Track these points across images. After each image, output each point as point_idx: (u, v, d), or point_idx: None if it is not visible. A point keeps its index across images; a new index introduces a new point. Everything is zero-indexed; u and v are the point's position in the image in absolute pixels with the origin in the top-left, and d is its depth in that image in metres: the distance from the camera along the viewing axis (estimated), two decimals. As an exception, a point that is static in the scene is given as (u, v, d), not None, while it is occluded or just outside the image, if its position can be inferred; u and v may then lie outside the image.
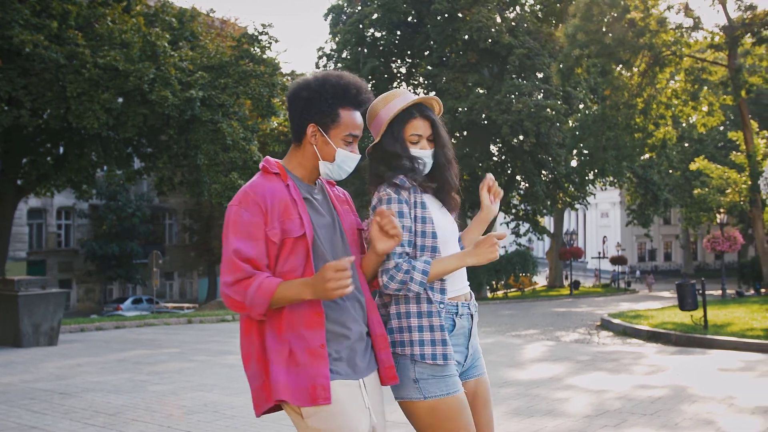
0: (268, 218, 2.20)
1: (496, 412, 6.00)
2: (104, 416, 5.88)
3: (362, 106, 2.36)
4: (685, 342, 11.20)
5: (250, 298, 2.13)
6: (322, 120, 2.28)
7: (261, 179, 2.29)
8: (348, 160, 2.33)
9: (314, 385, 2.16)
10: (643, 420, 5.72)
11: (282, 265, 2.23)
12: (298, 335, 2.20)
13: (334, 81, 2.29)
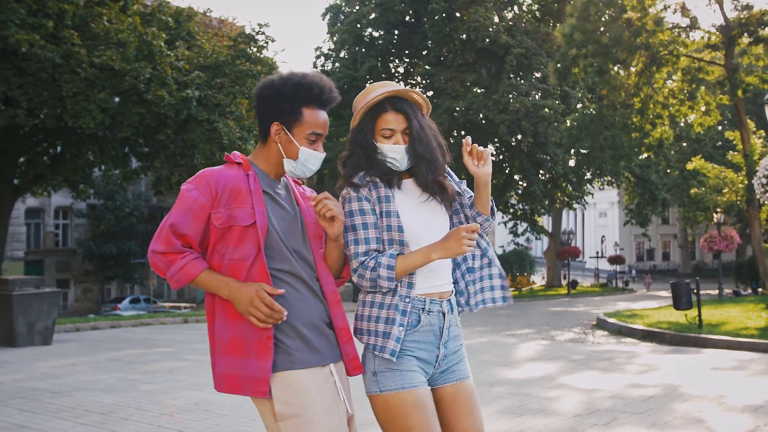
0: (215, 202, 2.25)
1: (486, 411, 6.02)
2: (95, 415, 5.88)
3: (326, 106, 2.37)
4: (679, 341, 11.21)
5: (171, 272, 2.23)
6: (285, 118, 2.32)
7: (222, 167, 2.34)
8: (311, 158, 2.35)
9: (256, 377, 2.21)
10: (633, 419, 5.73)
11: (232, 252, 2.26)
12: (249, 326, 2.24)
13: (297, 80, 2.32)
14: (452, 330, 2.48)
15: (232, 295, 2.19)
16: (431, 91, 38.72)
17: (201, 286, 2.24)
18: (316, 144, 2.35)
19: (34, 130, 20.10)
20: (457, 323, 2.53)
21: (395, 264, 2.32)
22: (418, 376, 2.35)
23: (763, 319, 12.64)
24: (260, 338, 2.22)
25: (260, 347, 2.22)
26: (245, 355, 2.23)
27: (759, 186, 10.06)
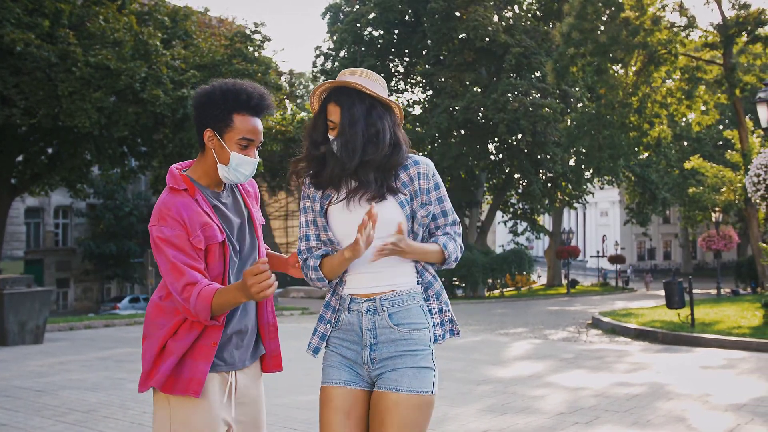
0: (188, 229, 2.28)
1: (469, 409, 6.02)
2: (77, 413, 5.88)
3: (257, 113, 2.37)
4: (671, 340, 11.19)
5: (192, 305, 2.22)
6: (216, 125, 2.34)
7: (170, 196, 2.34)
8: (243, 164, 2.36)
9: (191, 378, 2.29)
10: (616, 417, 5.71)
11: (211, 270, 2.34)
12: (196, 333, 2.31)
13: (226, 87, 2.35)
14: (382, 333, 2.30)
15: (246, 293, 2.16)
16: (431, 91, 38.72)
17: (222, 305, 2.22)
18: (248, 150, 2.36)
19: (31, 129, 20.12)
20: (396, 328, 2.30)
21: (317, 264, 2.35)
22: (336, 373, 2.32)
23: (757, 318, 12.61)
24: (206, 343, 2.30)
25: (202, 351, 2.30)
26: (183, 357, 2.30)
27: (750, 185, 10.03)
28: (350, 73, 2.36)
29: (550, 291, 40.14)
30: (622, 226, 59.66)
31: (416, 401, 2.24)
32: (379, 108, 2.34)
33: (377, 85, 2.36)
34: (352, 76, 2.34)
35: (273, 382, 7.51)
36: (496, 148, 39.09)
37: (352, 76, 2.34)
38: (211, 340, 2.30)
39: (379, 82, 2.38)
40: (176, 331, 2.31)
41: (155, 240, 2.27)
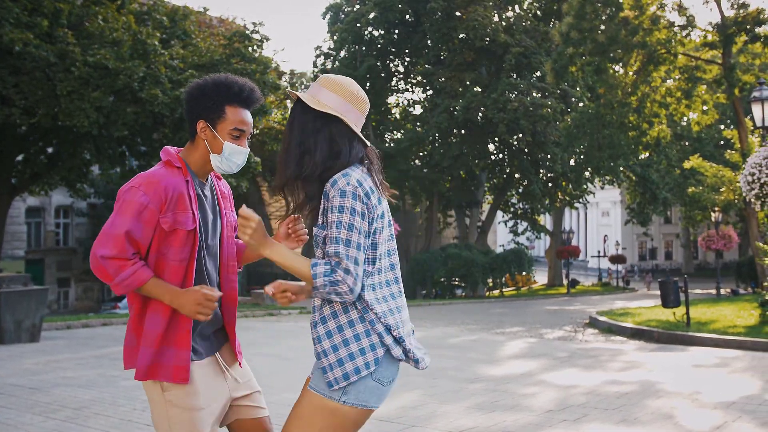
0: (164, 206, 2.35)
1: (459, 407, 6.04)
2: (69, 410, 5.91)
3: (248, 105, 2.47)
4: (666, 339, 11.20)
5: (120, 278, 2.31)
6: (209, 116, 2.43)
7: (163, 169, 2.42)
8: (235, 153, 2.45)
9: (177, 365, 2.38)
10: (604, 415, 5.73)
11: (174, 254, 2.39)
12: (172, 319, 2.40)
13: (219, 80, 2.44)
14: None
15: (175, 301, 2.32)
16: (431, 90, 38.73)
17: (146, 293, 2.35)
18: (240, 140, 2.45)
19: (31, 129, 20.17)
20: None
21: None
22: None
23: (753, 318, 12.61)
24: (181, 330, 2.39)
25: (180, 338, 2.40)
26: (162, 345, 2.39)
27: (745, 184, 10.03)
28: (319, 81, 2.34)
29: (551, 291, 40.14)
30: (623, 226, 59.60)
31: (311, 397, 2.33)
32: (321, 119, 2.29)
33: (331, 95, 2.29)
34: (314, 86, 2.33)
35: (267, 381, 7.54)
36: (496, 147, 39.09)
37: (314, 84, 2.35)
38: (185, 328, 2.39)
39: (338, 90, 2.30)
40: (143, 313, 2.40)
41: (129, 201, 2.32)
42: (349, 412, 2.25)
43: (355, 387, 2.25)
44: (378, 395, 2.28)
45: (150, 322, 2.38)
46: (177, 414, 2.38)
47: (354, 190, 2.19)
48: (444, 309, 22.70)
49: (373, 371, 2.25)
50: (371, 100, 25.02)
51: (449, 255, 33.01)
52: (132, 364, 2.43)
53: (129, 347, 2.45)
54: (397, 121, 42.70)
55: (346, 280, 2.17)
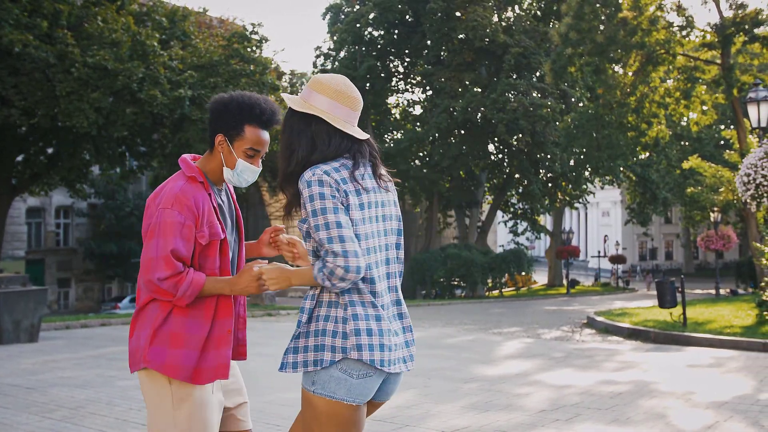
0: (198, 222, 2.47)
1: (453, 407, 6.08)
2: (65, 410, 5.95)
3: (267, 126, 2.57)
4: (663, 339, 11.23)
5: (182, 291, 2.42)
6: (228, 132, 2.54)
7: (189, 185, 2.52)
8: (247, 171, 2.57)
9: (218, 365, 2.51)
10: (597, 415, 5.77)
11: (211, 263, 2.53)
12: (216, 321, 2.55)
13: (241, 99, 2.55)
14: None
15: (236, 288, 2.46)
16: (430, 91, 38.75)
17: (207, 293, 2.48)
18: (254, 159, 2.57)
19: (31, 129, 20.22)
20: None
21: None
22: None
23: (750, 318, 12.64)
24: (221, 333, 2.54)
25: (222, 340, 2.54)
26: (204, 349, 2.51)
27: (741, 185, 10.06)
28: (308, 84, 2.44)
29: (551, 291, 40.16)
30: (623, 226, 59.62)
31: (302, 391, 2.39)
32: (304, 120, 2.39)
33: (315, 95, 2.39)
34: (305, 89, 2.43)
35: (264, 380, 7.58)
36: (495, 148, 39.11)
37: (305, 87, 2.45)
38: (225, 329, 2.54)
39: (325, 92, 2.39)
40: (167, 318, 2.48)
41: (163, 222, 2.42)
42: (319, 402, 2.30)
43: (320, 376, 2.29)
44: (347, 388, 2.28)
45: (181, 324, 2.48)
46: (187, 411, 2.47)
47: (320, 177, 2.27)
48: (443, 309, 22.73)
49: (338, 361, 2.27)
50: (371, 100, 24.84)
51: (449, 255, 33.04)
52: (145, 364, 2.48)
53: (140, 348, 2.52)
54: (397, 122, 42.73)
55: (337, 263, 2.20)
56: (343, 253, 2.21)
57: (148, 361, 2.46)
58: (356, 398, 2.30)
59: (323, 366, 2.28)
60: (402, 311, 2.46)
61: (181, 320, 2.46)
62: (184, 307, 2.46)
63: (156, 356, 2.45)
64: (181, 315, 2.47)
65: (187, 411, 2.47)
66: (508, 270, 34.52)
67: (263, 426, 5.42)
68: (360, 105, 2.44)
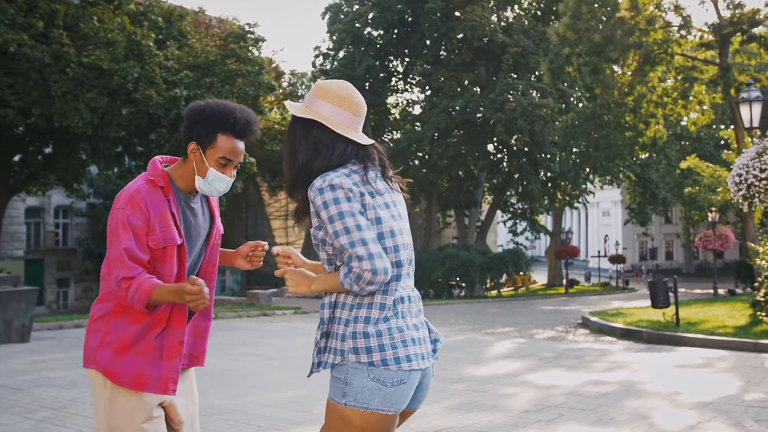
0: (150, 225, 2.45)
1: (437, 407, 6.06)
2: (47, 411, 5.94)
3: (242, 136, 2.55)
4: (655, 339, 11.20)
5: (131, 296, 2.40)
6: (201, 140, 2.52)
7: (147, 188, 2.50)
8: (218, 180, 2.55)
9: (164, 376, 2.50)
10: (580, 415, 5.75)
11: (163, 270, 2.50)
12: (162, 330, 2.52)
13: (216, 107, 2.53)
14: None
15: (178, 299, 2.39)
16: (429, 90, 38.73)
17: (157, 301, 2.42)
18: (226, 168, 2.54)
19: (27, 129, 20.23)
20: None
21: None
22: None
23: (744, 318, 12.60)
24: (172, 343, 2.52)
25: (170, 350, 2.52)
26: (157, 357, 2.50)
27: (733, 185, 10.03)
28: (312, 90, 2.42)
29: (550, 291, 40.09)
30: (623, 226, 59.58)
31: (329, 405, 2.30)
32: (305, 126, 2.38)
33: (317, 101, 2.37)
34: (308, 96, 2.42)
35: (249, 380, 7.58)
36: (495, 147, 39.06)
37: (308, 94, 2.42)
38: (177, 339, 2.52)
39: (324, 95, 2.37)
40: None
41: (119, 222, 2.42)
42: (353, 415, 2.22)
43: (351, 388, 2.22)
44: (382, 397, 2.21)
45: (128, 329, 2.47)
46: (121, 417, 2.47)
47: (330, 182, 2.23)
48: (439, 309, 22.72)
49: (369, 371, 2.21)
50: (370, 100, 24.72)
51: (447, 255, 33.00)
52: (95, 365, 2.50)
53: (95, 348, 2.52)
54: (396, 121, 42.71)
55: (362, 266, 2.16)
56: (368, 257, 2.17)
57: (96, 363, 2.46)
58: (392, 407, 2.23)
59: (349, 364, 2.24)
60: (421, 308, 2.44)
61: (132, 326, 2.46)
62: (138, 312, 2.45)
63: (102, 359, 2.45)
64: (132, 320, 2.46)
65: (120, 417, 2.46)
66: (506, 270, 34.46)
67: (244, 426, 5.40)
68: (363, 110, 2.42)
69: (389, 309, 2.27)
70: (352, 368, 2.22)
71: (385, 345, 2.22)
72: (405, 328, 2.27)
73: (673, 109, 27.39)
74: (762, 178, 9.58)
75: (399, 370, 2.21)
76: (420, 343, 2.30)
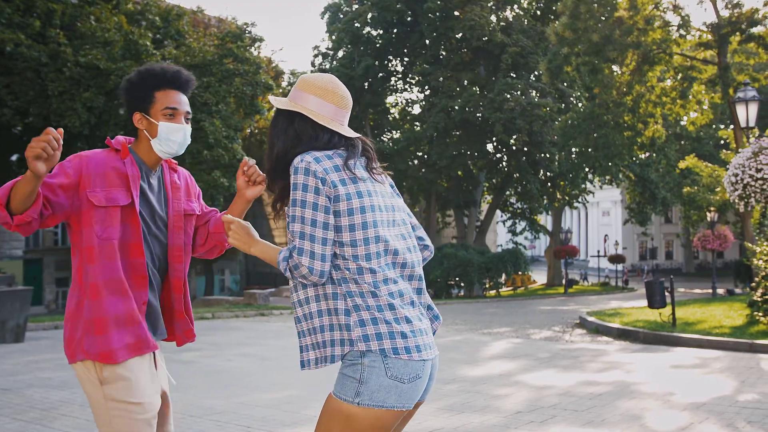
0: (85, 182, 2.39)
1: (430, 408, 6.03)
2: (37, 411, 5.90)
3: (178, 86, 2.51)
4: (651, 339, 11.18)
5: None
6: (142, 105, 2.48)
7: (99, 151, 2.49)
8: (172, 131, 2.48)
9: (136, 339, 2.44)
10: (572, 416, 5.72)
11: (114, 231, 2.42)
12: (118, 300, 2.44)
13: (142, 70, 2.49)
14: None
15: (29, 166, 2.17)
16: (428, 90, 38.70)
17: (18, 192, 2.21)
18: (175, 118, 2.48)
19: (26, 129, 20.22)
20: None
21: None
22: None
23: (741, 318, 12.57)
24: (139, 305, 2.46)
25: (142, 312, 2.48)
26: (132, 324, 2.43)
27: (729, 185, 10.00)
28: (296, 84, 2.39)
29: (549, 291, 40.06)
30: (623, 225, 59.56)
31: (334, 405, 2.21)
32: (288, 118, 2.35)
33: (303, 94, 2.34)
34: (293, 89, 2.39)
35: (242, 380, 7.54)
36: (494, 147, 39.04)
37: (293, 88, 2.39)
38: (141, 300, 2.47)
39: (312, 90, 2.34)
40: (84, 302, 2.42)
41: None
42: (363, 414, 2.16)
43: (368, 387, 2.15)
44: (398, 394, 2.15)
45: (101, 308, 2.40)
46: (117, 410, 2.40)
47: (307, 165, 2.19)
48: (437, 309, 22.68)
49: (387, 368, 2.16)
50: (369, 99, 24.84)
51: (445, 255, 32.95)
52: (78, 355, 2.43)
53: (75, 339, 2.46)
54: (395, 121, 42.68)
55: (302, 261, 2.16)
56: (310, 254, 2.16)
57: (86, 352, 2.40)
58: (407, 402, 2.19)
59: (334, 362, 2.24)
60: (425, 301, 2.38)
61: (96, 304, 2.40)
62: (102, 289, 2.39)
63: (91, 346, 2.40)
64: (95, 298, 2.40)
65: (114, 392, 2.39)
66: (505, 270, 34.41)
67: (233, 427, 5.37)
68: (348, 103, 2.38)
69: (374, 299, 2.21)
70: (369, 366, 2.16)
71: (395, 333, 2.18)
72: (408, 318, 2.22)
73: (671, 108, 27.35)
74: (758, 178, 9.55)
75: (410, 360, 2.17)
76: (426, 333, 2.28)
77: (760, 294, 11.57)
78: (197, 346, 10.73)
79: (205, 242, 2.72)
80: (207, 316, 16.83)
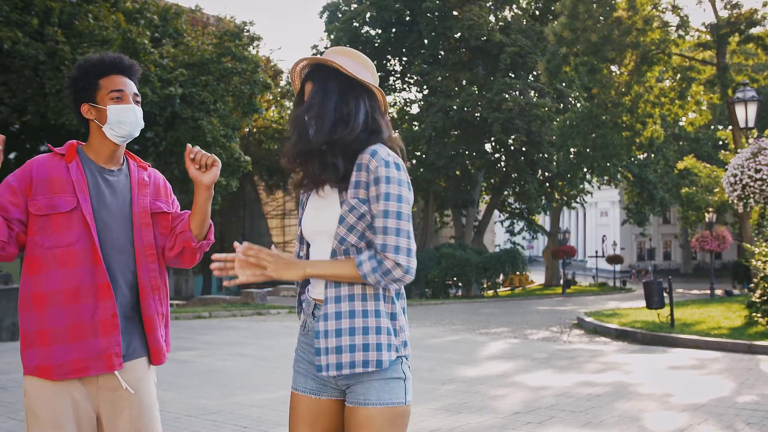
0: (31, 190, 2.29)
1: (427, 408, 6.00)
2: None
3: (120, 70, 2.41)
4: (649, 340, 11.15)
5: None
6: (88, 96, 2.39)
7: (44, 156, 2.38)
8: (122, 113, 2.37)
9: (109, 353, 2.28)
10: (570, 417, 5.69)
11: (56, 240, 2.28)
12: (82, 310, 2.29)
13: (82, 63, 2.42)
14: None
15: None
16: (426, 90, 38.67)
17: None
18: (123, 100, 2.39)
19: (23, 127, 20.16)
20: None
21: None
22: (302, 380, 2.19)
23: (739, 319, 12.55)
24: (105, 317, 2.28)
25: (105, 325, 2.28)
26: (84, 338, 2.26)
27: (728, 185, 9.98)
28: (335, 52, 2.18)
29: (547, 291, 40.03)
30: (621, 226, 59.56)
31: (388, 414, 2.04)
32: (358, 89, 2.14)
33: (361, 68, 2.17)
34: (335, 55, 2.16)
35: (237, 381, 7.51)
36: (492, 147, 39.01)
37: (335, 54, 2.16)
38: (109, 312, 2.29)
39: (366, 65, 2.19)
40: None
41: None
42: (406, 412, 2.08)
43: (410, 383, 2.10)
44: (411, 389, 2.11)
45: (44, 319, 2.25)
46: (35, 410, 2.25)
47: (396, 160, 2.05)
48: (434, 309, 22.65)
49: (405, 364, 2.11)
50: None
51: (443, 254, 32.92)
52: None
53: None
54: (394, 121, 42.64)
55: (399, 260, 1.99)
56: (407, 252, 2.01)
57: (24, 366, 2.28)
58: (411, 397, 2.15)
59: (382, 367, 2.04)
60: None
61: (38, 316, 2.25)
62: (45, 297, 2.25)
63: (29, 360, 2.27)
64: (38, 310, 2.26)
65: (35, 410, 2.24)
66: (503, 270, 34.36)
67: (229, 427, 5.34)
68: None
69: (401, 303, 2.15)
70: (404, 366, 2.09)
71: (408, 340, 2.14)
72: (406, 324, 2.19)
73: (670, 109, 27.33)
74: (757, 178, 9.52)
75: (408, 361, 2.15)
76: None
77: (759, 295, 11.56)
78: (193, 345, 10.71)
79: (174, 245, 2.49)
80: (204, 315, 16.79)
